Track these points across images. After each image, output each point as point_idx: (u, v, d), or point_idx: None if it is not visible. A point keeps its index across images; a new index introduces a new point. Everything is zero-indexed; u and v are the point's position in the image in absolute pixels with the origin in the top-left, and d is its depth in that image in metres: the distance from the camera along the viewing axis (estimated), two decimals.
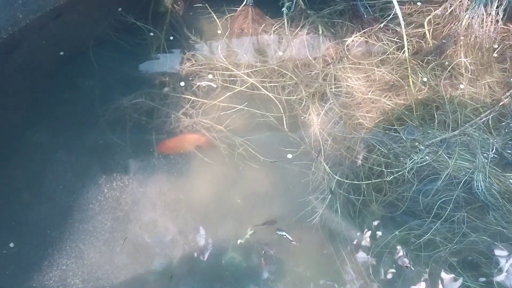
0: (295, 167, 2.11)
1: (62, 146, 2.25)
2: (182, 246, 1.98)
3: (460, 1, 2.26)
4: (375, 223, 1.93)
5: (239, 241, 1.97)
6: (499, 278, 1.76)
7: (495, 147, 1.94)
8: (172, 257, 1.96)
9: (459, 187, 1.87)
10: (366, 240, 1.92)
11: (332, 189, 1.98)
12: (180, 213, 2.06)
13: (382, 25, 2.34)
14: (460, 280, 1.78)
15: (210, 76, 2.31)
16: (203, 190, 2.11)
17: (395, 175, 1.93)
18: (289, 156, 2.06)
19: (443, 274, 1.80)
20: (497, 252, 1.79)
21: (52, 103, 2.37)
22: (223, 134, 2.22)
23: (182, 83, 2.37)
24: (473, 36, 2.26)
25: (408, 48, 2.27)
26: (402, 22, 2.27)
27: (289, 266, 1.93)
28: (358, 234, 1.93)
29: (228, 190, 2.11)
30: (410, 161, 1.92)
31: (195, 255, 1.96)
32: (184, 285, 1.91)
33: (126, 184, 2.14)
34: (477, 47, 2.26)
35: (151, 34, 2.51)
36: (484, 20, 2.24)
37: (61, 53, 2.53)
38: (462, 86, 2.13)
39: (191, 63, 2.41)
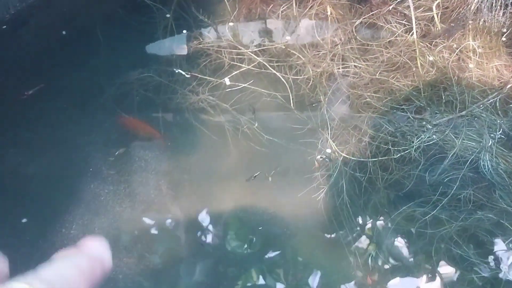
0: (300, 146, 2.11)
1: (69, 121, 2.25)
2: (186, 227, 1.97)
3: None
4: (381, 200, 1.93)
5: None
6: (504, 255, 1.76)
7: (502, 128, 1.94)
8: (176, 239, 1.95)
9: (466, 166, 1.87)
10: (371, 217, 1.91)
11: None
12: (184, 193, 2.06)
13: (390, 7, 2.34)
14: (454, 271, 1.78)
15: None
16: (207, 169, 2.11)
17: (402, 153, 1.92)
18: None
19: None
20: (503, 230, 1.79)
21: (58, 79, 2.37)
22: (228, 112, 2.22)
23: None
24: (482, 20, 2.27)
25: (416, 31, 2.26)
26: (411, 5, 2.27)
27: (291, 244, 1.93)
28: (363, 211, 1.93)
29: (232, 169, 2.11)
30: (417, 140, 1.92)
31: (199, 236, 1.96)
32: (187, 266, 1.90)
33: (132, 161, 2.14)
34: (485, 31, 2.26)
35: (167, 15, 2.51)
36: (494, 5, 2.24)
37: (63, 32, 2.52)
38: (471, 66, 2.13)
39: (198, 42, 2.41)
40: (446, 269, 1.80)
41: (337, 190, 1.97)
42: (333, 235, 1.92)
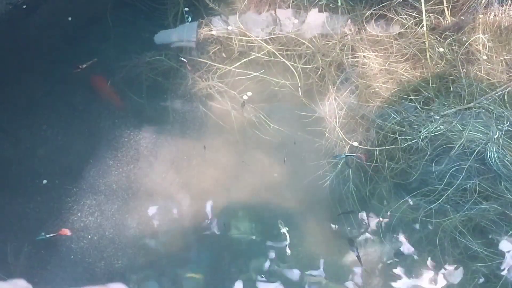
0: (308, 135, 2.12)
1: (76, 106, 2.26)
2: (192, 215, 1.98)
3: None
4: (387, 189, 1.94)
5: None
6: (506, 245, 1.78)
7: (510, 120, 1.95)
8: (182, 227, 1.96)
9: (472, 157, 1.88)
10: (376, 205, 1.93)
11: None
12: (191, 181, 2.07)
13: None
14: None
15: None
16: (213, 157, 2.12)
17: (409, 143, 1.93)
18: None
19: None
20: (508, 221, 1.80)
21: (70, 62, 2.37)
22: (236, 99, 2.23)
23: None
24: (492, 14, 2.27)
25: (426, 24, 2.27)
26: None
27: (296, 232, 1.94)
28: (368, 199, 1.94)
29: (238, 157, 2.12)
30: (425, 130, 1.93)
31: (205, 224, 1.97)
32: (194, 253, 1.91)
33: (138, 149, 2.15)
34: (495, 25, 2.26)
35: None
36: None
37: (69, 18, 2.53)
38: (485, 57, 2.14)
39: (209, 28, 2.42)
40: (450, 263, 1.81)
41: (343, 178, 1.99)
42: (338, 223, 1.93)
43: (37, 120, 2.21)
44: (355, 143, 2.00)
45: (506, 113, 1.95)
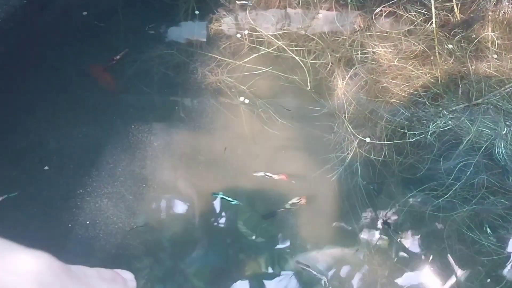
0: (316, 130, 2.14)
1: (89, 96, 2.29)
2: (200, 210, 2.00)
3: None
4: (395, 183, 1.95)
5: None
6: None
7: None
8: (190, 222, 1.98)
9: (480, 153, 1.90)
10: (384, 199, 1.94)
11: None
12: (199, 175, 2.08)
13: None
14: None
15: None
16: (222, 151, 2.14)
17: (418, 137, 1.95)
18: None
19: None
20: None
21: (80, 56, 2.41)
22: (245, 94, 2.25)
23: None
24: (502, 11, 2.28)
25: (435, 21, 2.28)
26: None
27: (301, 228, 1.95)
28: (376, 193, 1.95)
29: (246, 152, 2.14)
30: (433, 125, 1.95)
31: (212, 219, 1.98)
32: (199, 248, 1.93)
33: (147, 142, 2.17)
34: (505, 23, 2.27)
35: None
36: None
37: (84, 13, 2.56)
38: (495, 56, 2.16)
39: (219, 24, 2.45)
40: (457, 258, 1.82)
41: (351, 172, 2.00)
42: (345, 221, 1.94)
43: (49, 114, 2.24)
44: (368, 139, 2.01)
45: None
